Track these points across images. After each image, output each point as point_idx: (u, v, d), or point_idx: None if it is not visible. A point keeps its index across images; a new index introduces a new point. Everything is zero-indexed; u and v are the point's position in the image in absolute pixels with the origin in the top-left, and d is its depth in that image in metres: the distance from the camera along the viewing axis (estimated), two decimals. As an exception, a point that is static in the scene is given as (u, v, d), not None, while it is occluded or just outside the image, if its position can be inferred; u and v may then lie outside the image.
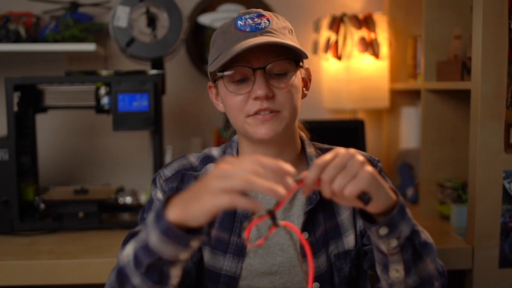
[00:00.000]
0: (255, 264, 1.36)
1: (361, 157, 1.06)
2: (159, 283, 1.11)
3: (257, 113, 1.30)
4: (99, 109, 2.29)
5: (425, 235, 1.23)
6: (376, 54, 2.63)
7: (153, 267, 1.09)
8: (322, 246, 1.37)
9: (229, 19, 1.36)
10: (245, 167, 0.98)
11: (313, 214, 1.38)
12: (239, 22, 1.31)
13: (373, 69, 2.67)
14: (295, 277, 1.37)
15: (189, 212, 1.01)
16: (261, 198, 1.38)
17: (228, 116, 1.38)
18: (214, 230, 1.38)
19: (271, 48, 1.28)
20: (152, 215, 1.07)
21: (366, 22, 2.63)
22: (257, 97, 1.29)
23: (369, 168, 1.05)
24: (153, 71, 2.28)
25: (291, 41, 1.32)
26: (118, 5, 2.33)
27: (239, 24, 1.31)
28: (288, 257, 1.37)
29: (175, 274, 1.11)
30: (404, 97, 2.84)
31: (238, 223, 1.37)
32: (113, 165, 2.84)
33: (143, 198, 2.36)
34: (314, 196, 1.37)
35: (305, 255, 1.36)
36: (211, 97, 1.44)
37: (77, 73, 2.24)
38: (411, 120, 2.75)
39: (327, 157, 1.05)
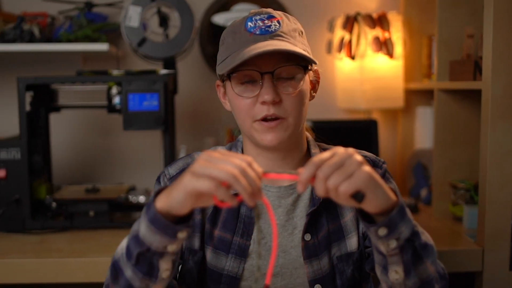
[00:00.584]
0: (257, 265, 1.35)
1: (359, 157, 1.05)
2: (149, 275, 1.14)
3: (263, 119, 1.31)
4: (111, 108, 2.30)
5: (426, 237, 1.21)
6: (390, 54, 2.61)
7: (143, 257, 1.12)
8: (324, 248, 1.36)
9: None
10: (235, 161, 1.01)
11: (316, 216, 1.37)
12: (249, 24, 1.31)
13: (387, 69, 2.65)
14: (296, 279, 1.36)
15: (172, 196, 1.05)
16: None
17: (235, 117, 1.39)
18: (217, 230, 1.38)
19: (280, 52, 1.27)
20: (145, 207, 1.11)
21: (380, 22, 2.61)
22: (264, 102, 1.29)
23: (366, 168, 1.04)
24: (163, 71, 2.28)
25: (301, 44, 1.33)
26: (129, 5, 2.34)
27: (249, 26, 1.30)
28: (290, 258, 1.37)
29: (164, 267, 1.14)
30: (419, 97, 2.81)
31: (241, 224, 1.37)
32: (127, 164, 2.85)
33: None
34: (317, 198, 1.36)
35: (306, 257, 1.35)
36: (219, 95, 1.44)
37: (88, 73, 2.25)
38: (426, 120, 2.73)
39: (324, 155, 1.05)
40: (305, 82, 1.34)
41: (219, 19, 2.74)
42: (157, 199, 1.09)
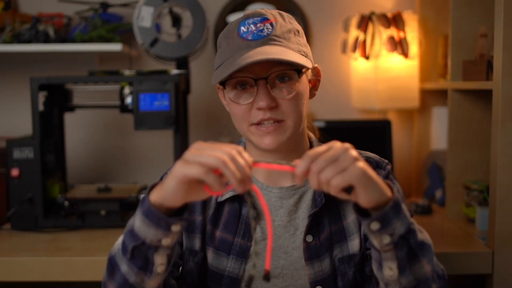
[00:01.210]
0: (258, 266, 1.35)
1: (354, 152, 1.05)
2: (144, 269, 1.15)
3: (260, 123, 1.30)
4: (123, 108, 2.32)
5: (423, 235, 1.20)
6: (405, 54, 2.58)
7: (138, 251, 1.14)
8: (326, 249, 1.36)
9: None
10: (225, 149, 1.03)
11: (318, 217, 1.37)
12: (242, 28, 1.30)
13: (402, 69, 2.62)
14: (298, 281, 1.36)
15: (165, 186, 1.07)
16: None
17: (233, 122, 1.38)
18: (219, 231, 1.38)
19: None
20: (140, 201, 1.13)
21: (395, 21, 2.59)
22: (259, 108, 1.29)
23: (360, 164, 1.04)
24: (175, 71, 2.29)
25: (296, 44, 1.32)
26: (142, 5, 2.36)
27: (242, 31, 1.30)
28: (291, 260, 1.36)
29: (159, 261, 1.15)
30: (436, 97, 2.77)
31: (242, 225, 1.37)
32: (141, 163, 2.87)
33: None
34: (319, 199, 1.36)
35: (308, 258, 1.35)
36: (220, 97, 1.44)
37: (100, 73, 2.27)
38: (442, 121, 2.70)
39: (320, 149, 1.05)
40: (302, 83, 1.33)
41: (234, 19, 2.74)
42: (151, 192, 1.11)
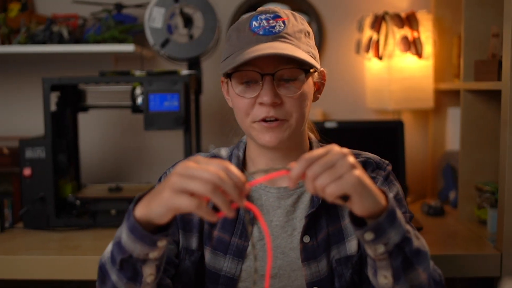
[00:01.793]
0: (254, 267, 1.34)
1: (352, 159, 1.03)
2: (133, 280, 1.14)
3: (263, 120, 1.30)
4: (135, 108, 2.34)
5: (420, 242, 1.18)
6: (419, 54, 2.56)
7: (126, 263, 1.12)
8: (323, 250, 1.35)
9: None
10: (210, 169, 0.99)
11: (315, 218, 1.36)
12: (253, 23, 1.30)
13: (415, 69, 2.60)
14: (294, 281, 1.35)
15: (151, 208, 1.04)
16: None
17: (235, 116, 1.38)
18: (216, 230, 1.38)
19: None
20: (126, 213, 1.10)
21: (408, 21, 2.57)
22: (262, 103, 1.28)
23: (356, 172, 1.02)
24: (185, 72, 2.30)
25: (306, 45, 1.32)
26: (153, 6, 2.37)
27: (253, 25, 1.30)
28: (288, 260, 1.36)
29: (148, 272, 1.13)
30: (451, 97, 2.74)
31: (239, 225, 1.37)
32: (154, 163, 2.88)
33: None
34: (316, 199, 1.35)
35: (305, 259, 1.34)
36: (223, 91, 1.43)
37: (111, 73, 2.28)
38: (456, 121, 2.66)
39: (317, 152, 1.03)
40: (307, 84, 1.32)
41: (247, 18, 2.74)
42: (136, 207, 1.08)
